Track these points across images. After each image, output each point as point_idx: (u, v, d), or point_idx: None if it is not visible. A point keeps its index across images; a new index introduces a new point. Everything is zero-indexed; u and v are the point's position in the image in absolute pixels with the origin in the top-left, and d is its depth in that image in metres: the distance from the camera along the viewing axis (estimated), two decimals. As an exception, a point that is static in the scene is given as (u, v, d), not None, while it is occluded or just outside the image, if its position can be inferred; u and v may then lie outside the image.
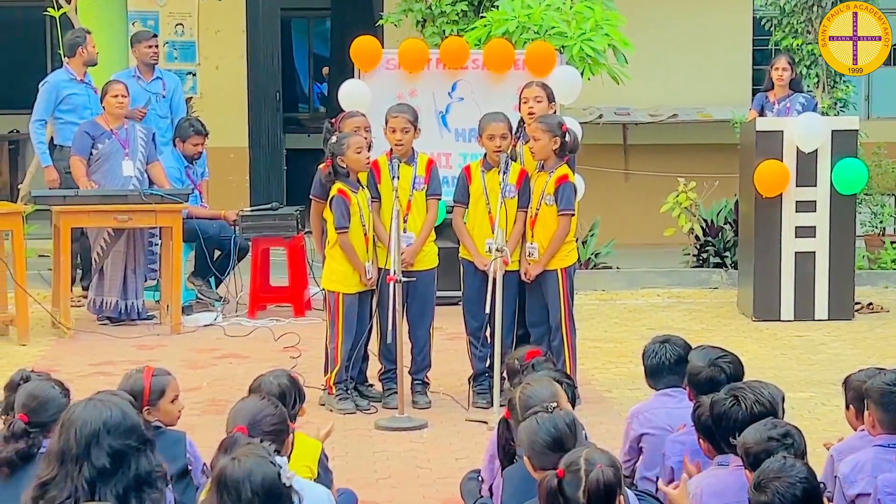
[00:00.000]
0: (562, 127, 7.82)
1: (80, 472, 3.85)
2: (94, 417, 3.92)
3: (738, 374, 5.25)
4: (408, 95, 10.07)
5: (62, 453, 3.89)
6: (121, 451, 3.89)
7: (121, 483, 3.87)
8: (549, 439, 4.33)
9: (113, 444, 3.89)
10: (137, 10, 13.42)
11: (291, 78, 18.74)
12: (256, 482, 3.74)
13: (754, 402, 4.59)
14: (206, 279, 10.92)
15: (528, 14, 10.97)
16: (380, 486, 6.57)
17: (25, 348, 9.52)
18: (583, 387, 7.88)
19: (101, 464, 3.86)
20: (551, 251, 7.84)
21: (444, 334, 9.07)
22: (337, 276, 7.89)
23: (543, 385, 4.86)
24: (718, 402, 4.66)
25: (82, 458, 3.86)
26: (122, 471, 3.88)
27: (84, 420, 3.91)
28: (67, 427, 3.92)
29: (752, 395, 4.62)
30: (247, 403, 4.69)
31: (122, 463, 3.89)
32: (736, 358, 5.34)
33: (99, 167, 10.30)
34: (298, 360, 8.91)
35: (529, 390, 4.82)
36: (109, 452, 3.88)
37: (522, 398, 4.78)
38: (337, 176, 7.77)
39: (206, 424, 7.30)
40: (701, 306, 11.26)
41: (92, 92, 10.85)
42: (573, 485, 3.85)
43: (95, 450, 3.87)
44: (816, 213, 10.48)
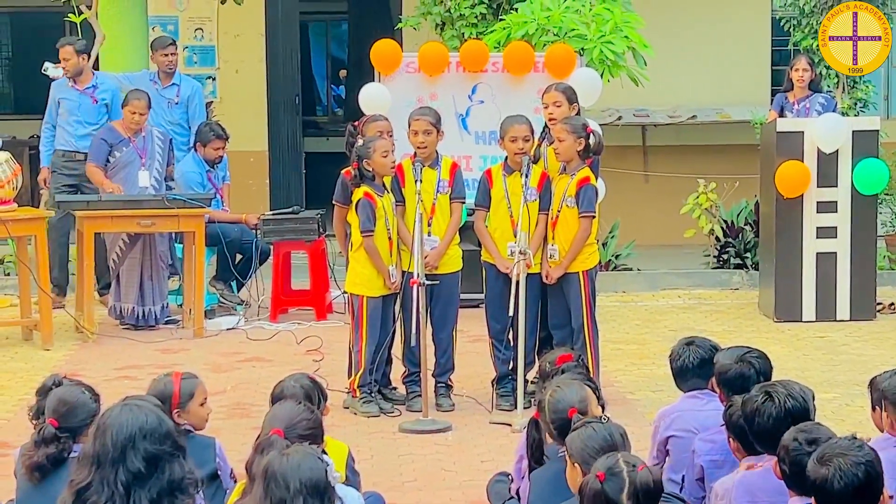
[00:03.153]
0: (586, 128, 7.83)
1: (115, 476, 3.88)
2: (130, 422, 3.95)
3: (766, 369, 5.25)
4: (428, 98, 10.08)
5: (97, 457, 3.92)
6: (155, 455, 3.92)
7: (155, 488, 3.90)
8: (604, 446, 4.34)
9: (148, 448, 3.91)
10: (157, 14, 13.47)
11: (309, 81, 18.78)
12: (305, 476, 3.77)
13: (787, 397, 4.60)
14: (228, 283, 10.95)
15: (548, 16, 10.98)
16: (406, 488, 6.59)
17: (49, 353, 9.55)
18: (606, 389, 7.85)
19: (137, 468, 3.89)
20: (573, 253, 7.83)
21: (467, 337, 9.08)
22: (361, 279, 7.91)
23: (574, 388, 4.87)
24: (751, 399, 4.67)
25: (118, 462, 3.89)
26: (157, 475, 3.91)
27: (120, 424, 3.93)
28: (103, 431, 3.94)
29: (785, 390, 4.63)
30: (284, 407, 4.71)
31: (156, 467, 3.91)
32: (763, 353, 5.34)
33: (115, 175, 10.33)
34: (321, 364, 8.92)
35: (559, 393, 4.83)
36: (145, 457, 3.90)
37: (552, 400, 4.81)
38: (363, 179, 7.79)
39: (231, 428, 7.34)
40: (722, 307, 11.26)
41: (86, 99, 10.86)
42: (616, 487, 3.86)
43: (131, 454, 3.90)
44: (837, 213, 10.47)
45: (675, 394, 5.77)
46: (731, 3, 14.19)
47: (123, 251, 10.28)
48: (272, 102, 14.69)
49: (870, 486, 3.84)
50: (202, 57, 14.40)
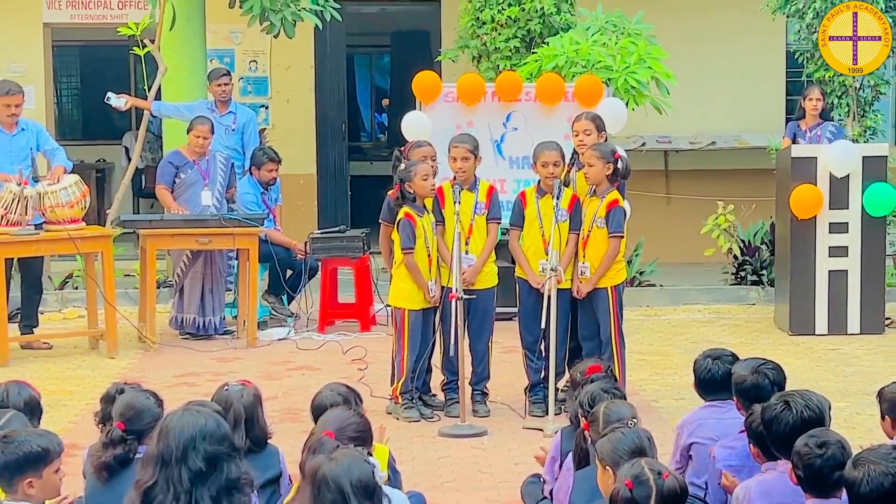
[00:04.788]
0: (614, 154, 7.82)
1: (179, 475, 3.91)
2: (191, 425, 3.98)
3: (781, 380, 5.23)
4: (465, 126, 10.07)
5: (161, 457, 3.95)
6: (215, 455, 3.95)
7: (214, 486, 3.93)
8: (633, 449, 4.35)
9: (208, 449, 3.94)
10: (215, 48, 13.55)
11: (355, 109, 18.82)
12: (354, 478, 3.77)
13: (804, 406, 4.58)
14: (279, 297, 10.99)
15: (577, 49, 10.98)
16: (445, 489, 6.59)
17: (114, 361, 9.61)
18: (631, 397, 7.78)
19: (198, 467, 3.92)
20: (601, 270, 7.83)
21: (501, 348, 9.07)
22: (403, 293, 7.92)
23: (626, 405, 4.94)
24: (770, 407, 4.65)
25: (180, 462, 3.92)
26: (216, 474, 3.94)
27: (182, 427, 3.97)
28: (166, 433, 3.98)
29: (802, 400, 4.61)
30: (335, 412, 4.73)
31: (215, 467, 3.94)
32: (777, 365, 5.32)
33: (180, 194, 10.42)
34: (365, 372, 8.94)
35: (613, 407, 4.88)
36: (205, 457, 3.93)
37: (606, 413, 4.84)
38: (405, 200, 7.81)
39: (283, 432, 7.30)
40: (740, 321, 11.21)
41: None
42: (644, 494, 3.87)
43: (192, 454, 3.93)
44: (849, 233, 10.42)
45: (696, 402, 5.74)
46: (749, 36, 14.14)
47: (187, 266, 10.35)
48: (320, 129, 14.73)
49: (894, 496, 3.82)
50: (256, 87, 14.48)
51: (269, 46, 14.11)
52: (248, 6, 11.25)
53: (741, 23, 13.99)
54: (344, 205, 14.97)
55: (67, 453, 6.12)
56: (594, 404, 5.07)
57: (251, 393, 5.11)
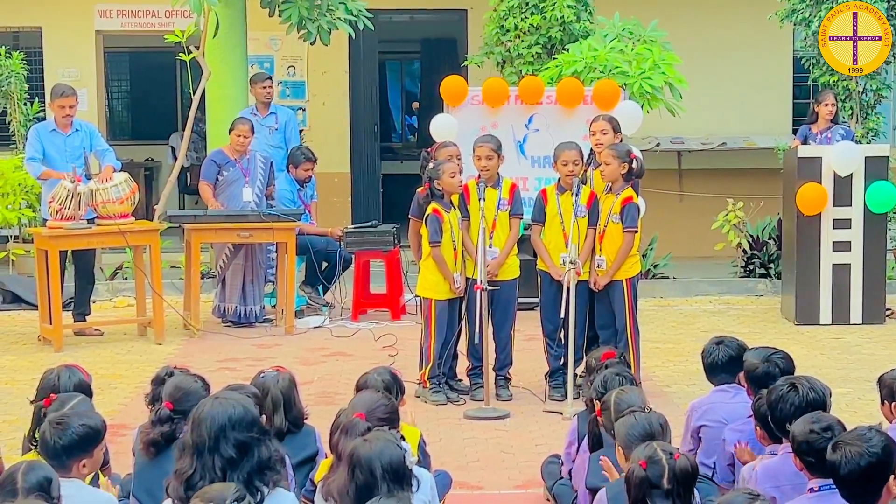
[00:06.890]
0: (630, 154, 7.82)
1: (213, 464, 3.95)
2: (220, 414, 4.01)
3: (790, 369, 5.22)
4: (490, 127, 10.07)
5: (196, 447, 3.99)
6: (244, 442, 3.98)
7: (246, 468, 3.96)
8: (643, 433, 4.35)
9: (238, 437, 3.98)
10: (256, 54, 13.56)
11: (386, 112, 18.84)
12: (385, 461, 3.79)
13: (809, 389, 4.59)
14: (315, 287, 11.01)
15: (595, 56, 10.97)
16: (470, 468, 6.60)
17: (161, 347, 9.66)
18: (645, 382, 7.85)
19: (229, 455, 3.96)
20: (617, 264, 7.83)
21: (523, 336, 9.07)
22: (430, 284, 7.93)
23: (636, 393, 4.94)
24: (776, 388, 4.65)
25: (213, 451, 3.96)
26: (248, 458, 3.97)
27: (212, 417, 4.01)
28: (198, 423, 4.02)
29: (808, 383, 4.62)
30: (365, 395, 4.75)
31: (246, 452, 3.97)
32: (787, 354, 5.31)
33: (223, 191, 10.45)
34: (396, 358, 8.95)
35: (624, 395, 4.88)
36: (235, 444, 3.97)
37: (616, 402, 4.84)
38: (433, 197, 7.82)
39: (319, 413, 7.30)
40: (748, 312, 11.17)
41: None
42: (657, 473, 3.87)
43: (223, 443, 3.97)
44: (851, 229, 10.37)
45: (707, 387, 5.74)
46: (758, 43, 14.09)
47: (229, 258, 10.39)
48: (354, 130, 14.75)
49: (874, 474, 3.81)
50: (294, 91, 14.50)
51: (306, 53, 14.13)
52: (286, 15, 11.30)
53: (750, 31, 13.94)
54: (376, 201, 14.99)
55: (117, 433, 6.17)
56: (608, 388, 5.07)
57: (286, 378, 5.15)
